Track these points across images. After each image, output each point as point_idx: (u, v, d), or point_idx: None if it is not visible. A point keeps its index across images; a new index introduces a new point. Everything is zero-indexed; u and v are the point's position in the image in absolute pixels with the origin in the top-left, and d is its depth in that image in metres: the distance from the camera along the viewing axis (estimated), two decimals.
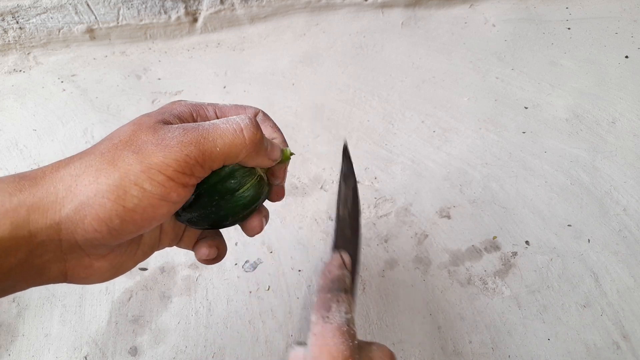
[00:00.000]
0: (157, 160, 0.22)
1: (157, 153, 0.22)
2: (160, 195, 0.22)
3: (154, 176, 0.22)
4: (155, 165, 0.22)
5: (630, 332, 0.46)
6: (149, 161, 0.22)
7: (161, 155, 0.22)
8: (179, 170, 0.22)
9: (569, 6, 0.99)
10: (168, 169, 0.22)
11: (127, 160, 0.22)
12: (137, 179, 0.22)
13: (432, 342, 0.47)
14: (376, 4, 0.98)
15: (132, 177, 0.22)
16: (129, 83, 0.84)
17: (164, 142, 0.22)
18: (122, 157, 0.22)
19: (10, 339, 0.48)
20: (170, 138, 0.23)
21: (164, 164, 0.22)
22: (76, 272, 0.24)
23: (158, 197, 0.22)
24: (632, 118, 0.71)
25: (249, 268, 0.54)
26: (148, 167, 0.22)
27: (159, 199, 0.22)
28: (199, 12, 0.94)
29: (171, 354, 0.47)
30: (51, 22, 0.88)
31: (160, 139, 0.23)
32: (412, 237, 0.56)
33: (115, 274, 0.26)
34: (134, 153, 0.22)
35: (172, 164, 0.22)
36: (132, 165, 0.22)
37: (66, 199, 0.21)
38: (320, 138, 0.71)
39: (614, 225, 0.56)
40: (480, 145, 0.68)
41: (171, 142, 0.22)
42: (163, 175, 0.22)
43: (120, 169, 0.22)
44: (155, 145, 0.22)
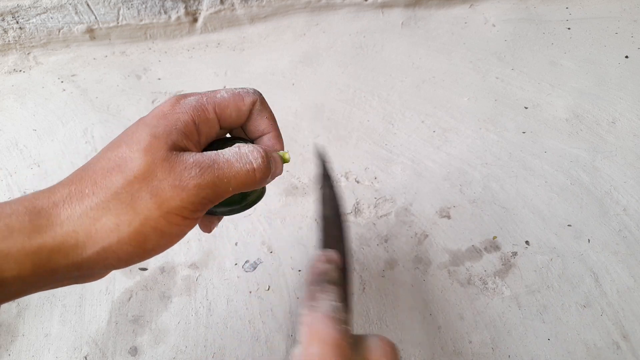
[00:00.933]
0: (176, 204, 0.22)
1: (175, 197, 0.22)
2: (177, 234, 0.24)
3: (172, 220, 0.23)
4: (174, 210, 0.23)
5: (630, 332, 0.46)
6: (168, 206, 0.22)
7: (179, 200, 0.23)
8: (193, 209, 0.23)
9: (569, 6, 0.99)
10: (185, 211, 0.23)
11: (146, 205, 0.22)
12: (157, 224, 0.22)
13: (432, 342, 0.47)
14: (376, 4, 0.98)
15: (152, 222, 0.22)
16: (129, 83, 0.84)
17: (181, 185, 0.23)
18: (140, 200, 0.22)
19: (10, 339, 0.48)
20: (187, 179, 0.23)
21: (181, 208, 0.23)
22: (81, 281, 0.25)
23: (175, 233, 0.24)
24: (632, 118, 0.71)
25: (249, 268, 0.54)
26: (167, 213, 0.22)
27: (175, 235, 0.24)
28: (199, 12, 0.94)
29: (171, 354, 0.47)
30: (51, 22, 0.88)
31: (177, 179, 0.23)
32: (412, 237, 0.56)
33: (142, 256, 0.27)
34: (152, 196, 0.22)
35: (189, 207, 0.23)
36: (151, 211, 0.22)
37: (87, 244, 0.22)
38: (320, 138, 0.71)
39: (614, 225, 0.56)
40: (480, 145, 0.68)
41: (188, 184, 0.23)
42: (180, 217, 0.23)
43: (140, 215, 0.22)
44: (172, 188, 0.23)
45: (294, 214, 0.59)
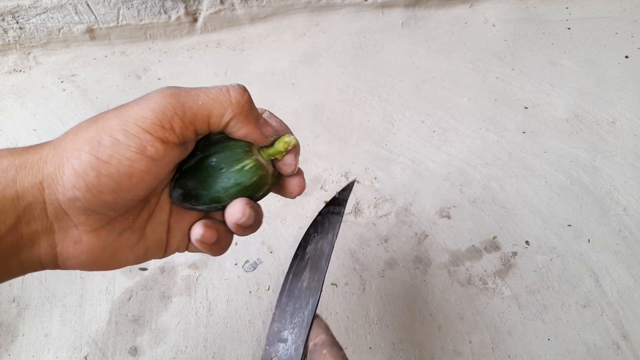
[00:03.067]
0: (134, 112, 0.21)
1: (136, 107, 0.22)
2: (136, 147, 0.21)
3: (129, 128, 0.21)
4: (131, 117, 0.21)
5: (630, 332, 0.46)
6: (127, 114, 0.21)
7: (138, 108, 0.22)
8: (157, 122, 0.21)
9: (569, 6, 0.99)
10: (145, 120, 0.21)
11: (107, 117, 0.22)
12: (112, 130, 0.21)
13: (432, 342, 0.47)
14: (376, 4, 0.98)
15: (107, 129, 0.21)
16: (129, 83, 0.84)
17: (145, 98, 0.22)
18: (104, 116, 0.22)
19: (10, 339, 0.48)
20: (152, 94, 0.22)
21: (140, 116, 0.21)
22: (65, 247, 0.23)
23: (133, 149, 0.21)
24: (632, 118, 0.71)
25: (249, 268, 0.54)
26: (124, 120, 0.21)
27: (134, 152, 0.21)
28: (199, 12, 0.94)
29: (171, 354, 0.47)
30: (51, 22, 0.88)
31: (143, 98, 0.23)
32: (412, 237, 0.56)
33: (112, 261, 0.25)
34: (115, 111, 0.22)
35: (148, 114, 0.21)
36: (110, 120, 0.22)
37: (49, 156, 0.21)
38: (320, 138, 0.71)
39: (614, 225, 0.56)
40: (480, 145, 0.68)
41: (152, 96, 0.22)
42: (139, 127, 0.21)
43: (98, 124, 0.22)
44: (135, 102, 0.22)
45: (294, 214, 0.59)
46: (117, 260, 0.25)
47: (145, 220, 0.26)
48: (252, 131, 0.25)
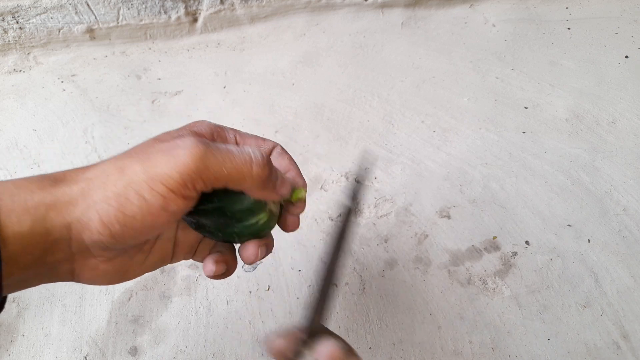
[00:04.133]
0: (161, 171, 0.22)
1: (163, 163, 0.22)
2: (160, 205, 0.22)
3: (155, 187, 0.22)
4: (158, 176, 0.22)
5: (630, 332, 0.46)
6: (154, 171, 0.22)
7: (166, 166, 0.22)
8: (181, 183, 0.22)
9: (569, 6, 0.99)
10: (171, 181, 0.22)
11: (134, 169, 0.23)
12: (140, 188, 0.22)
13: (432, 342, 0.47)
14: (376, 4, 0.98)
15: (135, 186, 0.22)
16: (129, 83, 0.84)
17: (173, 152, 0.22)
18: (131, 165, 0.23)
19: (10, 339, 0.48)
20: (180, 147, 0.23)
21: (167, 176, 0.22)
22: (83, 272, 0.25)
23: (157, 207, 0.22)
24: (632, 118, 0.71)
25: (249, 268, 0.54)
26: (151, 178, 0.22)
27: (158, 209, 0.22)
28: (199, 12, 0.94)
29: (171, 354, 0.47)
30: (51, 22, 0.88)
31: (171, 147, 0.23)
32: (412, 237, 0.56)
33: (121, 279, 0.27)
34: (142, 162, 0.23)
35: (175, 176, 0.22)
36: (137, 174, 0.22)
37: (78, 201, 0.22)
38: (320, 138, 0.71)
39: (614, 225, 0.56)
40: (480, 145, 0.68)
41: (180, 151, 0.22)
42: (164, 186, 0.22)
43: (126, 177, 0.22)
44: (163, 154, 0.23)
45: None
46: (127, 277, 0.27)
47: (154, 242, 0.28)
48: (268, 195, 0.26)
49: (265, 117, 0.75)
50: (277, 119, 0.75)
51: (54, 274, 0.24)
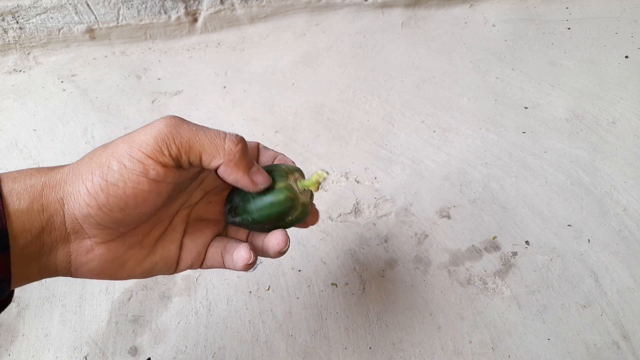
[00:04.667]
0: (138, 139, 0.24)
1: (141, 134, 0.24)
2: (139, 171, 0.24)
3: (133, 153, 0.24)
4: (136, 144, 0.24)
5: (630, 332, 0.46)
6: (132, 141, 0.24)
7: (143, 136, 0.24)
8: (157, 148, 0.24)
9: (569, 6, 0.99)
10: (147, 146, 0.24)
11: (117, 143, 0.25)
12: (120, 156, 0.24)
13: (432, 342, 0.47)
14: (376, 4, 0.98)
15: (116, 155, 0.24)
16: (129, 83, 0.84)
17: (150, 125, 0.25)
18: (115, 142, 0.25)
19: (10, 339, 0.48)
20: (157, 121, 0.25)
21: (143, 142, 0.24)
22: (79, 255, 0.26)
23: (137, 173, 0.24)
24: (632, 118, 0.71)
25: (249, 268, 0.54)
26: (130, 146, 0.24)
27: (139, 175, 0.24)
28: (199, 12, 0.94)
29: (171, 354, 0.47)
30: (51, 22, 0.88)
31: (149, 125, 0.25)
32: (412, 237, 0.56)
33: (118, 272, 0.27)
34: (124, 138, 0.25)
35: (150, 141, 0.24)
36: (118, 146, 0.24)
37: (68, 176, 0.24)
38: (320, 138, 0.71)
39: (614, 225, 0.56)
40: (480, 145, 0.68)
41: (156, 123, 0.25)
42: (142, 152, 0.24)
43: (109, 150, 0.24)
44: (142, 129, 0.25)
45: None
46: (125, 272, 0.28)
47: (156, 238, 0.29)
48: (242, 178, 0.27)
49: (265, 117, 0.75)
50: (277, 119, 0.75)
51: (52, 261, 0.25)
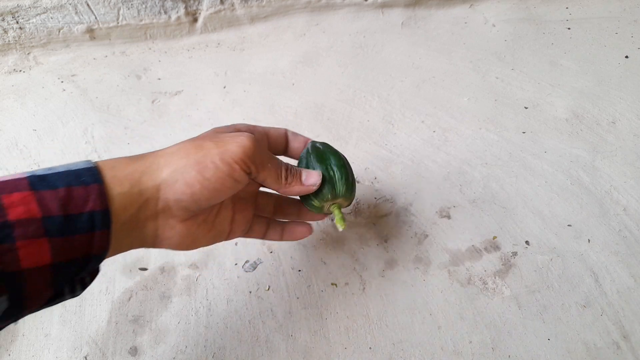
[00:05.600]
0: (230, 148, 0.32)
1: (231, 145, 0.32)
2: (227, 172, 0.32)
3: (226, 158, 0.32)
4: (228, 152, 0.32)
5: (630, 332, 0.46)
6: (224, 148, 0.32)
7: (233, 146, 0.32)
8: (243, 159, 0.32)
9: (569, 6, 0.99)
10: (236, 156, 0.32)
11: (209, 146, 0.32)
12: (214, 158, 0.31)
13: (432, 342, 0.47)
14: (376, 4, 0.98)
15: (210, 157, 0.31)
16: (129, 83, 0.84)
17: (237, 139, 0.33)
18: (206, 144, 0.32)
19: (10, 339, 0.48)
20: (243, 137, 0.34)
21: (234, 152, 0.32)
22: (163, 230, 0.32)
23: (226, 173, 0.32)
24: (632, 118, 0.71)
25: (249, 268, 0.54)
26: (222, 152, 0.32)
27: (226, 175, 0.32)
28: (199, 12, 0.94)
29: (171, 354, 0.47)
30: (51, 22, 0.88)
31: (235, 136, 0.34)
32: (412, 237, 0.56)
33: (191, 244, 0.35)
34: (214, 143, 0.33)
35: (239, 152, 0.32)
36: (211, 149, 0.32)
37: (165, 167, 0.31)
38: (320, 138, 0.71)
39: (614, 225, 0.56)
40: (480, 145, 0.68)
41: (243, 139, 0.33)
42: (232, 159, 0.32)
43: (203, 150, 0.32)
44: (230, 139, 0.33)
45: None
46: (195, 243, 0.36)
47: (215, 216, 0.37)
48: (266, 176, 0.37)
49: (265, 117, 0.75)
50: (277, 119, 0.75)
51: (142, 235, 0.31)
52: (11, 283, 0.24)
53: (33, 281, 0.25)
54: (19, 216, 0.24)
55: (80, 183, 0.27)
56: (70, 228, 0.26)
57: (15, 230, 0.24)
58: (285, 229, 0.44)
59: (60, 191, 0.26)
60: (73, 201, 0.26)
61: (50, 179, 0.26)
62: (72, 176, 0.27)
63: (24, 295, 0.25)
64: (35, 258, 0.24)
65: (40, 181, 0.26)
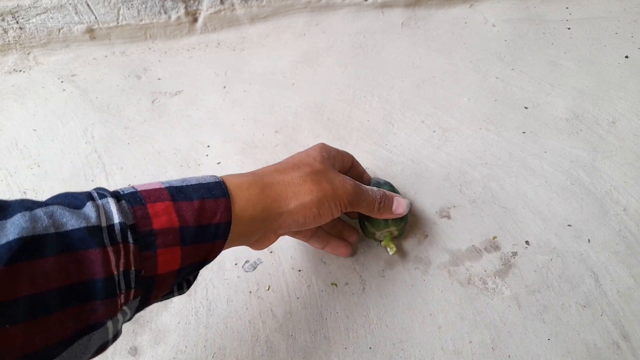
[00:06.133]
0: (340, 194, 0.39)
1: (341, 190, 0.39)
2: (333, 213, 0.39)
3: (338, 201, 0.39)
4: (339, 197, 0.39)
5: (630, 332, 0.46)
6: (338, 193, 0.39)
7: (343, 193, 0.39)
8: (347, 203, 0.40)
9: (569, 6, 0.99)
10: (342, 202, 0.39)
11: (326, 187, 0.38)
12: (329, 201, 0.38)
13: (432, 342, 0.47)
14: (376, 4, 0.98)
15: (328, 198, 0.38)
16: (129, 83, 0.84)
17: (344, 185, 0.40)
18: (323, 184, 0.38)
19: None
20: (348, 182, 0.41)
21: (342, 198, 0.39)
22: (263, 241, 0.38)
23: (333, 213, 0.39)
24: (632, 118, 0.71)
25: (249, 268, 0.54)
26: (336, 196, 0.39)
27: (331, 214, 0.39)
28: (199, 12, 0.94)
29: (171, 354, 0.47)
30: (51, 22, 0.88)
31: (343, 181, 0.40)
32: (412, 237, 0.56)
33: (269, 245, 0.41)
34: (329, 183, 0.39)
35: (345, 199, 0.39)
36: (329, 191, 0.38)
37: (291, 200, 0.36)
38: (320, 138, 0.71)
39: (614, 225, 0.56)
40: (480, 145, 0.68)
41: (348, 186, 0.40)
42: (340, 203, 0.39)
43: (322, 192, 0.37)
44: (340, 184, 0.40)
45: None
46: None
47: None
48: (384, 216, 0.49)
49: (265, 117, 0.75)
50: (277, 119, 0.75)
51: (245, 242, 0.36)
52: (147, 286, 0.27)
53: (162, 284, 0.28)
54: (162, 225, 0.26)
55: (212, 196, 0.30)
56: (200, 237, 0.28)
57: (157, 238, 0.26)
58: (330, 243, 0.49)
59: (195, 203, 0.29)
60: (204, 213, 0.29)
61: (186, 191, 0.29)
62: (204, 189, 0.30)
63: (152, 295, 0.28)
64: (169, 265, 0.27)
65: (178, 192, 0.29)
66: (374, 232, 0.50)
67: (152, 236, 0.26)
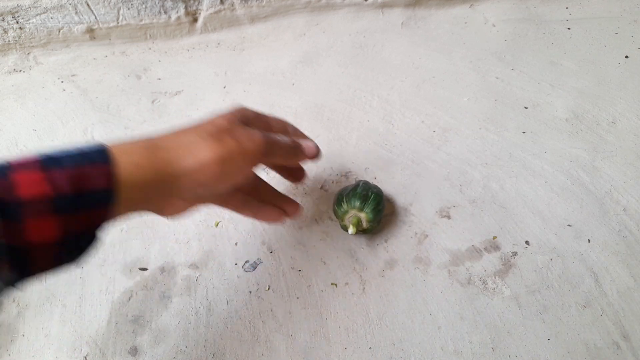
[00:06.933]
0: (248, 147, 0.35)
1: (248, 143, 0.35)
2: (243, 169, 0.35)
3: (245, 156, 0.35)
4: (246, 151, 0.35)
5: (630, 332, 0.46)
6: (244, 147, 0.35)
7: (251, 146, 0.35)
8: (257, 157, 0.36)
9: (569, 6, 0.99)
10: (253, 155, 0.35)
11: (229, 142, 0.34)
12: (235, 156, 0.34)
13: (432, 342, 0.47)
14: (376, 4, 0.98)
15: (233, 154, 0.34)
16: (129, 83, 0.84)
17: (252, 138, 0.36)
18: (226, 140, 0.34)
19: (10, 339, 0.48)
20: (257, 136, 0.36)
21: (251, 151, 0.35)
22: (169, 206, 0.36)
23: (243, 170, 0.36)
24: (632, 118, 0.71)
25: (249, 268, 0.54)
26: (242, 151, 0.35)
27: (243, 171, 0.36)
28: (199, 12, 0.94)
29: (171, 354, 0.47)
30: (51, 22, 0.88)
31: (250, 134, 0.36)
32: (412, 237, 0.56)
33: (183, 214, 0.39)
34: (234, 139, 0.35)
35: (255, 152, 0.35)
36: (232, 146, 0.34)
37: (187, 159, 0.33)
38: (320, 138, 0.71)
39: (614, 225, 0.56)
40: (480, 145, 0.68)
41: (257, 139, 0.36)
42: (249, 157, 0.35)
43: (225, 147, 0.34)
44: (247, 137, 0.36)
45: None
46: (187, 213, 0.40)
47: None
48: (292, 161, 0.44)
49: None
50: None
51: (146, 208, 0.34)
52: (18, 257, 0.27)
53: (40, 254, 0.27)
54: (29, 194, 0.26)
55: (90, 162, 0.28)
56: (78, 205, 0.27)
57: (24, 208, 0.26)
58: (261, 210, 0.45)
59: (70, 171, 0.27)
60: (81, 179, 0.28)
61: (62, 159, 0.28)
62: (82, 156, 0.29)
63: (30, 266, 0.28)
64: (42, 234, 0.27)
65: (51, 161, 0.27)
66: (347, 211, 0.51)
67: (19, 206, 0.26)
